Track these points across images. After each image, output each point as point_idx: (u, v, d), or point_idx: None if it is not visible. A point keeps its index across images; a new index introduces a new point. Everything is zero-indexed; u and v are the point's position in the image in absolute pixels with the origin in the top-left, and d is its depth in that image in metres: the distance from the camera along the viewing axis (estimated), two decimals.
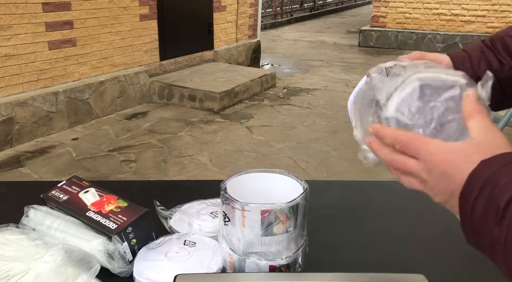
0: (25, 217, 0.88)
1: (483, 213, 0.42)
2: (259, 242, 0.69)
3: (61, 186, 0.92)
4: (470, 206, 0.44)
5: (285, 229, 0.69)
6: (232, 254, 0.72)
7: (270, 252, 0.70)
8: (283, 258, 0.70)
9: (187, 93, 4.80)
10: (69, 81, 4.16)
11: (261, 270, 0.70)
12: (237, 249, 0.72)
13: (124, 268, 0.79)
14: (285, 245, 0.70)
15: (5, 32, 3.58)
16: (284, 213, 0.68)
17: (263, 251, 0.69)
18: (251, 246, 0.70)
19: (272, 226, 0.68)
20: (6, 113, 3.59)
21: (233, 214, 0.70)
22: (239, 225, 0.69)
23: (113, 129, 4.13)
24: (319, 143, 3.94)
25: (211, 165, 3.43)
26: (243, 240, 0.70)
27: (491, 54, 0.73)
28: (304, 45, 8.86)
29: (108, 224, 0.80)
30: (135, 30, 4.76)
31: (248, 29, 6.75)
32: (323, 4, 14.07)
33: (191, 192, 1.11)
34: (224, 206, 0.71)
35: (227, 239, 0.73)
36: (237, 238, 0.71)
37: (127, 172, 3.30)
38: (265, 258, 0.70)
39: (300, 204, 0.70)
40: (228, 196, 0.70)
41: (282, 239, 0.69)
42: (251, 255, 0.70)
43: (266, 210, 0.67)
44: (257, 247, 0.69)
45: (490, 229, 0.41)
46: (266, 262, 0.70)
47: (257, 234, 0.68)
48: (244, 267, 0.71)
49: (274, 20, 11.26)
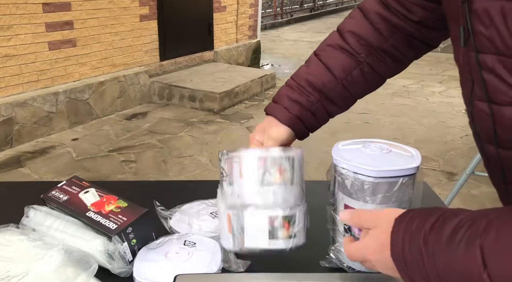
0: (25, 217, 0.88)
1: (411, 256, 0.51)
2: (256, 191, 0.67)
3: (61, 186, 0.92)
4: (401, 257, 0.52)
5: (283, 180, 0.68)
6: (231, 212, 0.68)
7: (268, 202, 0.67)
8: (282, 209, 0.68)
9: (187, 94, 4.80)
10: (69, 81, 4.16)
11: (261, 226, 0.67)
12: (235, 204, 0.69)
13: (124, 268, 0.79)
14: (283, 196, 0.68)
15: (5, 32, 3.58)
16: (280, 162, 0.68)
17: (261, 202, 0.67)
18: (248, 197, 0.68)
19: (269, 175, 0.67)
20: (6, 114, 3.59)
21: (231, 168, 0.69)
22: (237, 177, 0.68)
23: (113, 130, 4.13)
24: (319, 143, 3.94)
25: (211, 165, 3.43)
26: (240, 190, 0.68)
27: (298, 96, 0.84)
28: (304, 45, 8.86)
29: (108, 224, 0.80)
30: (135, 30, 4.76)
31: (248, 29, 6.75)
32: (323, 4, 14.07)
33: (191, 192, 1.11)
34: (223, 163, 0.71)
35: (225, 200, 0.71)
36: (235, 194, 0.69)
37: (127, 172, 3.30)
38: (263, 208, 0.67)
39: (296, 159, 0.69)
40: (225, 151, 0.70)
41: (280, 191, 0.68)
42: (249, 207, 0.67)
43: (263, 157, 0.67)
44: (254, 197, 0.68)
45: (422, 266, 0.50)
46: (265, 213, 0.67)
47: (254, 183, 0.67)
48: (244, 225, 0.67)
49: (274, 21, 11.26)
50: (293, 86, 0.86)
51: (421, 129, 4.31)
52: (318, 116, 0.86)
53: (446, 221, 0.49)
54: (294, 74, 0.88)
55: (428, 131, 4.26)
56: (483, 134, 0.63)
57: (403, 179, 0.71)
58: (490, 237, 0.43)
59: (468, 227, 0.46)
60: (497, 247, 0.43)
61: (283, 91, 0.87)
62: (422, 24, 0.79)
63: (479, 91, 0.59)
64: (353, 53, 0.83)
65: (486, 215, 0.46)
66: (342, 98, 0.86)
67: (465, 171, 2.37)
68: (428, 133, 4.22)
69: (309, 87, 0.84)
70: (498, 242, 0.43)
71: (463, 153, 3.75)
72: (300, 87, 0.84)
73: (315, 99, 0.84)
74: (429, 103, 5.11)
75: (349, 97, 0.87)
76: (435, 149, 3.80)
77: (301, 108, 0.84)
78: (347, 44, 0.84)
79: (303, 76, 0.86)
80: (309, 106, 0.84)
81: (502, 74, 0.54)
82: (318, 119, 0.87)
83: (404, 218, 0.54)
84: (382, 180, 0.71)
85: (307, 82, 0.84)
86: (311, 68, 0.86)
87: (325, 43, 0.88)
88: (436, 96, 5.41)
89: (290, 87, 0.86)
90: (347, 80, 0.84)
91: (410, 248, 0.50)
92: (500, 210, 0.47)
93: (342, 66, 0.83)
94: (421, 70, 6.58)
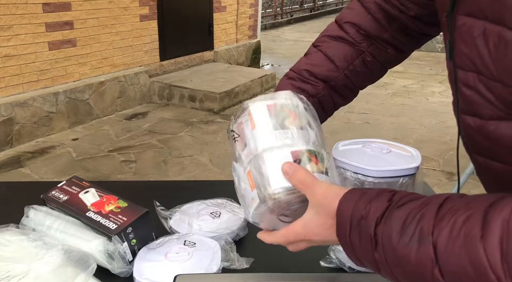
0: (25, 217, 0.88)
1: (361, 244, 0.51)
2: (273, 136, 0.60)
3: (61, 186, 0.92)
4: (349, 242, 0.52)
5: (298, 124, 0.61)
6: (250, 167, 0.61)
7: (287, 141, 0.60)
8: (305, 143, 0.60)
9: (187, 94, 4.80)
10: (69, 81, 4.16)
11: (284, 158, 0.58)
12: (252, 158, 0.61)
13: (124, 268, 0.79)
14: (303, 135, 0.61)
15: (5, 32, 3.58)
16: (290, 107, 0.62)
17: (280, 143, 0.60)
18: (265, 142, 0.60)
19: (282, 119, 0.61)
20: (6, 114, 3.59)
21: (241, 129, 0.64)
22: (249, 130, 0.62)
23: (113, 130, 4.13)
24: None
25: (211, 165, 3.43)
26: (255, 141, 0.61)
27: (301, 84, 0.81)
28: (304, 45, 8.86)
29: (108, 224, 0.80)
30: (135, 30, 4.76)
31: (248, 29, 6.75)
32: (323, 4, 14.07)
33: (191, 192, 1.11)
34: (233, 127, 0.66)
35: (242, 160, 0.63)
36: (250, 150, 0.62)
37: (127, 172, 3.30)
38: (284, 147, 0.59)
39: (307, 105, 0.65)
40: (233, 117, 0.66)
41: (298, 133, 0.61)
42: (268, 149, 0.60)
43: (271, 104, 0.63)
44: (272, 140, 0.60)
45: (371, 254, 0.50)
46: (286, 149, 0.59)
47: (269, 128, 0.61)
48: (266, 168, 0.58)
49: (274, 21, 11.26)
50: (294, 77, 0.82)
51: (421, 129, 4.31)
52: (325, 105, 0.83)
53: (396, 210, 0.48)
54: (294, 66, 0.85)
55: (428, 131, 4.26)
56: (471, 146, 0.63)
57: (403, 179, 0.71)
58: (443, 233, 0.43)
59: (419, 219, 0.46)
60: (449, 243, 0.43)
61: (285, 81, 0.83)
62: (418, 19, 0.79)
63: (463, 105, 0.59)
64: (353, 43, 0.81)
65: (434, 205, 0.46)
66: (345, 88, 0.83)
67: (465, 171, 2.37)
68: (428, 133, 4.22)
69: (312, 77, 0.81)
70: (450, 238, 0.43)
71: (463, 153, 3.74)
72: (302, 77, 0.82)
73: (321, 86, 0.80)
74: (429, 103, 5.11)
75: (352, 88, 0.84)
76: (435, 149, 3.80)
77: (308, 96, 0.79)
78: (346, 34, 0.82)
79: (304, 67, 0.83)
80: (315, 94, 0.81)
81: (483, 92, 0.54)
82: (325, 109, 0.84)
83: (349, 198, 0.53)
84: (382, 180, 0.71)
85: (308, 72, 0.82)
86: (311, 59, 0.83)
87: (323, 34, 0.85)
88: (436, 96, 5.41)
89: (291, 78, 0.82)
90: (350, 69, 0.81)
91: (359, 235, 0.50)
92: (449, 199, 0.46)
93: (344, 55, 0.81)
94: (421, 70, 6.58)
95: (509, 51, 0.47)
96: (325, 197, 0.55)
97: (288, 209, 0.60)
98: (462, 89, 0.57)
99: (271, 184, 0.57)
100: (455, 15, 0.55)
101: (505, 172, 0.58)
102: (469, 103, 0.57)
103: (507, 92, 0.50)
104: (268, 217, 0.61)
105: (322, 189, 0.55)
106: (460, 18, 0.55)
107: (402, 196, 0.50)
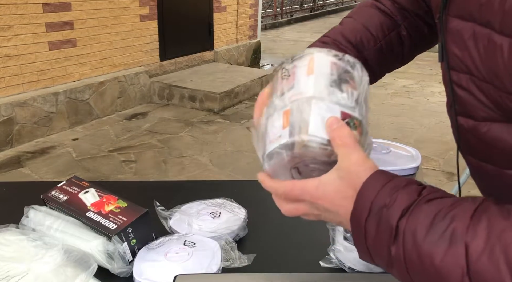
0: (25, 218, 0.88)
1: (377, 234, 0.46)
2: (327, 89, 0.55)
3: (61, 186, 0.92)
4: (363, 228, 0.47)
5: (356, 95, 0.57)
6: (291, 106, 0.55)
7: (340, 101, 0.55)
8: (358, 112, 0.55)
9: (187, 94, 4.80)
10: (69, 81, 4.16)
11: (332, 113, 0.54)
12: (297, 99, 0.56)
13: (124, 268, 0.79)
14: (356, 105, 0.56)
15: (6, 32, 3.58)
16: (353, 76, 0.58)
17: (333, 98, 0.55)
18: (318, 90, 0.56)
19: (342, 82, 0.57)
20: (6, 114, 3.59)
21: (295, 69, 0.58)
22: (304, 75, 0.57)
23: (113, 130, 4.13)
24: None
25: (211, 165, 3.43)
26: (307, 86, 0.56)
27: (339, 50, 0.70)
28: (304, 45, 8.85)
29: (108, 224, 0.80)
30: (135, 30, 4.76)
31: (248, 29, 6.75)
32: (323, 4, 14.07)
33: (191, 192, 1.11)
34: (285, 65, 0.60)
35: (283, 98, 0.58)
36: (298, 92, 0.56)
37: (127, 172, 3.30)
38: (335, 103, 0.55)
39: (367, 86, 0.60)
40: (292, 56, 0.60)
41: (352, 100, 0.56)
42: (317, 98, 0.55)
43: (337, 63, 0.58)
44: (325, 92, 0.55)
45: (386, 248, 0.45)
46: (337, 107, 0.54)
47: (326, 82, 0.56)
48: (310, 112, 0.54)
49: (274, 21, 11.26)
50: (327, 41, 0.75)
51: (421, 129, 4.31)
52: None
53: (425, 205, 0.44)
54: (327, 33, 0.78)
55: (428, 132, 4.26)
56: (464, 147, 0.63)
57: None
58: (478, 238, 0.40)
59: (452, 218, 0.42)
60: (485, 249, 0.39)
61: (318, 46, 0.76)
62: None
63: (457, 106, 0.59)
64: (390, 14, 0.77)
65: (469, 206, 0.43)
66: (377, 62, 0.76)
67: (465, 171, 2.37)
68: (428, 133, 4.22)
69: (346, 43, 0.75)
70: (486, 245, 0.40)
71: None
72: (336, 41, 0.75)
73: (355, 55, 0.72)
74: (429, 103, 5.11)
75: (382, 65, 0.79)
76: (435, 149, 3.80)
77: None
78: (382, 5, 0.77)
79: (338, 31, 0.76)
80: None
81: (475, 93, 0.53)
82: None
83: (376, 180, 0.48)
84: None
85: (343, 37, 0.75)
86: (346, 26, 0.77)
87: (358, 6, 0.81)
88: (436, 96, 5.41)
89: (324, 43, 0.76)
90: (386, 41, 0.75)
91: (377, 224, 0.46)
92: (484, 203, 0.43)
93: (381, 25, 0.76)
94: (421, 70, 6.58)
95: (497, 55, 0.47)
96: (359, 165, 0.49)
97: (307, 165, 0.55)
98: (456, 90, 0.57)
99: (308, 130, 0.52)
100: (446, 17, 0.55)
101: (496, 175, 0.57)
102: (462, 104, 0.57)
103: (498, 95, 0.50)
104: (281, 163, 0.56)
105: (359, 155, 0.50)
106: (451, 20, 0.54)
107: (432, 191, 0.46)
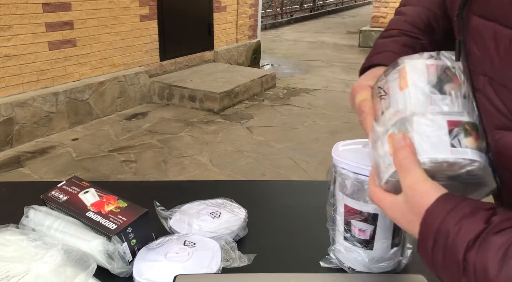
0: (25, 218, 0.88)
1: (445, 264, 0.44)
2: (428, 100, 0.52)
3: (61, 186, 0.92)
4: (430, 256, 0.46)
5: (463, 92, 0.53)
6: (393, 130, 0.53)
7: (444, 109, 0.51)
8: (467, 114, 0.51)
9: (187, 94, 4.80)
10: (69, 81, 4.16)
11: (437, 131, 0.50)
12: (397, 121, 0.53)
13: (123, 268, 0.79)
14: (464, 106, 0.52)
15: (5, 32, 3.58)
16: (454, 71, 0.54)
17: (436, 109, 0.51)
18: (417, 104, 0.53)
19: (443, 83, 0.53)
20: (6, 114, 3.59)
21: (388, 85, 0.56)
22: (398, 90, 0.54)
23: (113, 130, 4.13)
24: (319, 143, 3.94)
25: (211, 165, 3.43)
26: (406, 103, 0.53)
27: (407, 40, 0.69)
28: (304, 45, 8.86)
29: (108, 225, 0.80)
30: (135, 30, 4.76)
31: (248, 29, 6.75)
32: (323, 4, 14.07)
33: (191, 192, 1.11)
34: (379, 82, 0.59)
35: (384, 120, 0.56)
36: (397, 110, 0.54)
37: (127, 172, 3.30)
38: (439, 114, 0.51)
39: None
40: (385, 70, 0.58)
41: (460, 101, 0.52)
42: (420, 114, 0.52)
43: (432, 64, 0.55)
44: (426, 106, 0.52)
45: (457, 278, 0.43)
46: (442, 117, 0.51)
47: (425, 91, 0.53)
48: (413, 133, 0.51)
49: (274, 21, 11.26)
50: (394, 34, 0.71)
51: None
52: None
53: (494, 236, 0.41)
54: (388, 26, 0.73)
55: None
56: None
57: None
58: None
59: None
60: None
61: (384, 40, 0.71)
62: None
63: None
64: None
65: None
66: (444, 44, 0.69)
67: None
68: None
69: (416, 29, 0.69)
70: None
71: None
72: (404, 31, 0.70)
73: (427, 41, 0.68)
74: None
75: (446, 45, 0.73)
76: None
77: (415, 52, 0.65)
78: None
79: (402, 21, 0.72)
80: (422, 50, 0.66)
81: (491, 97, 0.50)
82: None
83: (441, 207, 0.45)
84: None
85: (410, 25, 0.70)
86: (408, 13, 0.72)
87: None
88: None
89: (392, 36, 0.71)
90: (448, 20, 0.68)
91: (444, 255, 0.44)
92: None
93: (438, 2, 0.70)
94: None
95: None
96: (412, 189, 0.48)
97: None
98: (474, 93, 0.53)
99: (418, 154, 0.50)
100: (467, 15, 0.53)
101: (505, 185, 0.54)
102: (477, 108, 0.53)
103: None
104: (397, 184, 0.54)
105: (415, 177, 0.48)
106: (472, 18, 0.52)
107: (503, 219, 0.42)
